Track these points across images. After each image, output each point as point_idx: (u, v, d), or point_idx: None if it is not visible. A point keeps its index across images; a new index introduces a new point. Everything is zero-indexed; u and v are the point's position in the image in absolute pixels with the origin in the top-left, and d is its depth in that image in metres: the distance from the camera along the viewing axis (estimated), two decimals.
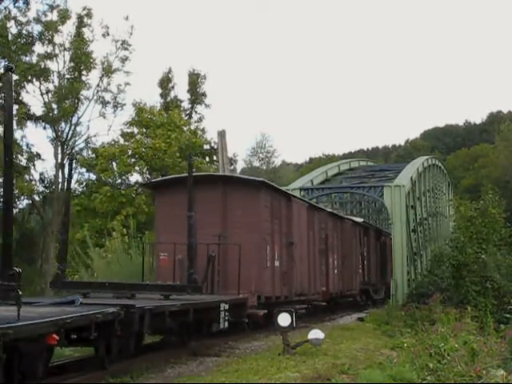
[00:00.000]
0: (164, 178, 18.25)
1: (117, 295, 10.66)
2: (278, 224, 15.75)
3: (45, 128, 32.19)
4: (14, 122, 31.02)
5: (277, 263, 15.58)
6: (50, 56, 31.70)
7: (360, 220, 27.90)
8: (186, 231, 12.29)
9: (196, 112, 40.90)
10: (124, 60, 33.34)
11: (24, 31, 31.27)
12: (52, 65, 31.90)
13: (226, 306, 11.50)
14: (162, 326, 9.70)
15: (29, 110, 31.62)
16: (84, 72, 32.49)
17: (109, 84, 33.36)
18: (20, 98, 31.61)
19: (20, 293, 6.53)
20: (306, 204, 18.89)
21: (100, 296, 10.72)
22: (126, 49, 33.31)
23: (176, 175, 18.71)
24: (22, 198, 32.96)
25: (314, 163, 72.21)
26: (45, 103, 31.56)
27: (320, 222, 19.88)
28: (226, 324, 11.43)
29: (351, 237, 24.29)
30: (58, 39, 31.87)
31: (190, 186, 12.53)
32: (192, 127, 36.36)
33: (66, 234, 11.84)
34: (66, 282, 11.43)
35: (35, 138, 38.65)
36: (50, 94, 31.76)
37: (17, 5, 31.30)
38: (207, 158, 35.14)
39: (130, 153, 31.36)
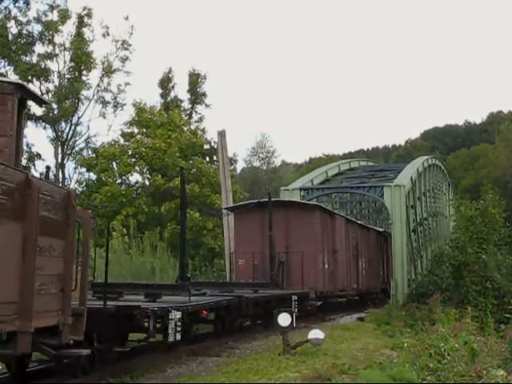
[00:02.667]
0: (242, 203, 22.95)
1: (222, 290, 14.14)
2: (326, 236, 20.35)
3: (45, 128, 32.16)
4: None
5: (326, 266, 20.00)
6: (50, 56, 31.68)
7: (381, 230, 30.92)
8: (259, 243, 18.40)
9: (196, 112, 40.94)
10: (124, 60, 33.36)
11: (24, 31, 31.25)
12: (52, 65, 31.91)
13: (296, 298, 15.11)
14: (255, 311, 13.53)
15: (29, 110, 31.55)
16: (84, 72, 32.48)
17: (109, 84, 33.38)
18: None
19: (190, 287, 11.79)
20: (343, 218, 23.48)
21: (212, 291, 13.89)
22: (126, 49, 33.34)
23: (251, 201, 22.09)
24: None
25: (314, 163, 72.07)
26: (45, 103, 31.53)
27: (352, 232, 24.22)
28: (296, 310, 14.16)
29: (374, 244, 28.25)
30: (58, 39, 31.89)
31: (270, 212, 17.83)
32: (192, 127, 36.35)
33: (183, 248, 15.10)
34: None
35: (35, 137, 38.62)
36: (50, 94, 31.73)
37: (17, 5, 31.27)
38: (207, 158, 35.11)
39: (130, 153, 31.35)
